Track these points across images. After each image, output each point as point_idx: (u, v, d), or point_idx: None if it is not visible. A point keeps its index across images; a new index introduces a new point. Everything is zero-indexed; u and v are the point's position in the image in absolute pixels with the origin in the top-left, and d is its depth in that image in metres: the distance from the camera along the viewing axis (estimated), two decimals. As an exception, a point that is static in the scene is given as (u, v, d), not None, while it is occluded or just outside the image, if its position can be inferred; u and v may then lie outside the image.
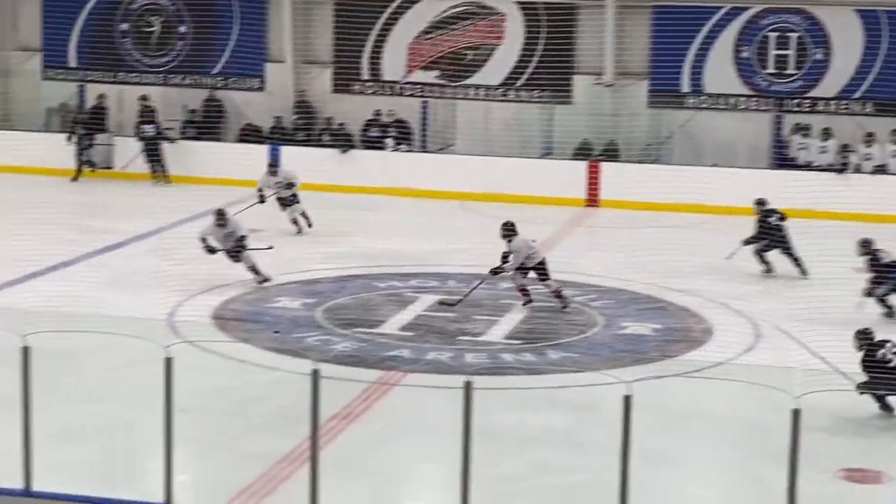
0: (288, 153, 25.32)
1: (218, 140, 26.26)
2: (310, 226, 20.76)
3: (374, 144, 25.74)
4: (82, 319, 13.27)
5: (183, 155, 25.78)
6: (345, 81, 26.57)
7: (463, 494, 7.81)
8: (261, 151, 25.38)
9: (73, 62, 27.56)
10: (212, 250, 16.73)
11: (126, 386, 12.47)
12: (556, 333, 15.24)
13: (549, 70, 25.47)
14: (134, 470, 10.59)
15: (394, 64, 26.33)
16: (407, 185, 24.71)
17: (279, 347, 14.25)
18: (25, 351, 8.37)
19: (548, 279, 16.23)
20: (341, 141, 25.63)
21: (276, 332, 13.90)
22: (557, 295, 16.18)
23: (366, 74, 26.51)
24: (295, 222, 20.64)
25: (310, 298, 16.53)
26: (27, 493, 8.29)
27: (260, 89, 26.85)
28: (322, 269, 18.11)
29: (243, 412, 12.22)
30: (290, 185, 20.62)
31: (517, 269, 16.17)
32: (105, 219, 20.82)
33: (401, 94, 26.29)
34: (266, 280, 16.89)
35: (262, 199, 20.64)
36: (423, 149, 26.06)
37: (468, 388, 7.84)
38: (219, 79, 26.99)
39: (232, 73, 26.89)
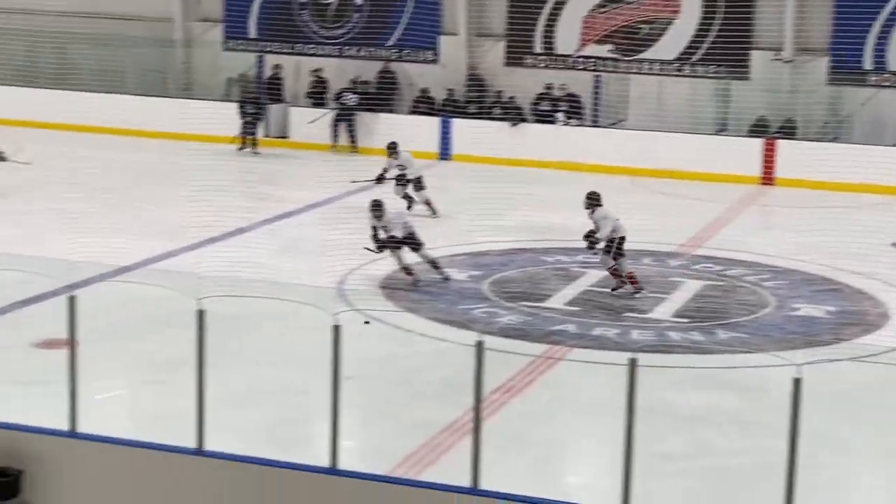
0: (459, 126, 25.48)
1: (391, 112, 26.51)
2: (431, 211, 19.94)
3: (544, 118, 25.67)
4: (255, 285, 13.57)
5: (356, 126, 26.13)
6: (517, 54, 26.52)
7: (625, 471, 7.75)
8: (433, 123, 25.62)
9: (252, 33, 28.15)
10: (379, 243, 15.97)
11: (295, 351, 12.73)
12: (726, 313, 14.99)
13: (726, 45, 24.99)
14: (301, 434, 10.81)
15: (567, 37, 26.18)
16: (577, 159, 24.59)
17: (445, 318, 14.35)
18: (200, 314, 8.58)
19: (622, 256, 15.58)
20: (512, 114, 25.63)
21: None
22: (630, 278, 15.55)
23: (538, 48, 26.42)
24: (427, 203, 19.92)
25: (477, 271, 16.60)
26: (199, 451, 8.53)
27: (433, 62, 27.00)
28: (490, 242, 18.13)
29: (408, 381, 12.37)
30: (409, 171, 20.05)
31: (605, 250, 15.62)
32: (280, 187, 21.25)
33: (573, 68, 26.14)
34: (416, 277, 15.79)
35: (379, 179, 20.10)
36: (595, 123, 25.89)
37: (633, 364, 7.77)
38: (393, 51, 27.23)
39: (406, 46, 27.10)
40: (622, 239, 15.58)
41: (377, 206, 15.99)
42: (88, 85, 27.63)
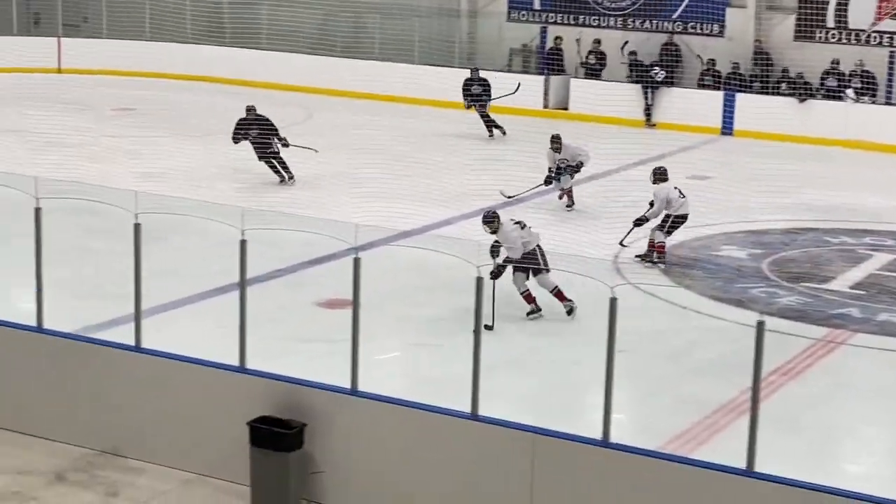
0: (743, 101, 24.94)
1: (672, 85, 26.14)
2: (569, 205, 18.19)
3: (833, 95, 24.81)
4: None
5: (655, 101, 25.92)
6: (808, 29, 25.64)
7: (908, 463, 7.48)
8: (717, 98, 25.19)
9: (537, 4, 28.19)
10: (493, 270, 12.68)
11: (569, 322, 12.79)
12: None
13: None
14: (573, 404, 10.85)
15: (862, 11, 25.14)
16: (867, 138, 23.69)
17: (722, 296, 14.12)
18: (479, 282, 8.73)
19: (671, 234, 15.22)
20: (800, 90, 24.87)
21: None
22: (659, 249, 15.18)
23: (830, 22, 25.49)
24: (568, 194, 18.23)
25: (757, 249, 16.26)
26: (474, 416, 8.68)
27: (720, 35, 26.41)
28: (771, 221, 17.72)
29: (682, 358, 12.23)
30: (578, 164, 17.96)
31: (660, 226, 15.21)
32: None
33: (867, 44, 25.11)
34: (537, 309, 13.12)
35: (548, 181, 18.06)
36: (888, 101, 24.85)
37: (921, 353, 7.47)
38: (678, 23, 26.79)
39: (692, 18, 26.59)
40: (681, 217, 15.26)
41: (491, 220, 13.06)
42: (377, 54, 28.38)
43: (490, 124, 23.85)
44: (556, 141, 18.12)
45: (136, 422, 9.77)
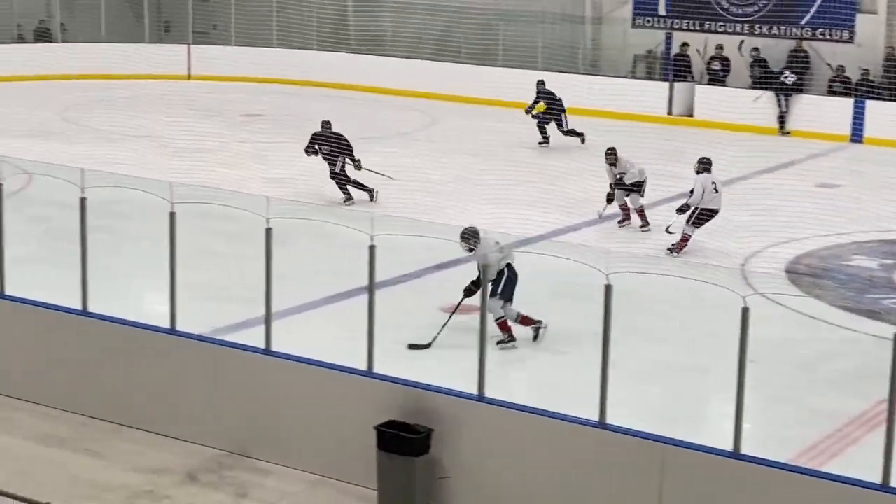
0: (873, 108, 24.46)
1: (801, 91, 25.71)
2: (643, 226, 17.24)
3: (968, 101, 24.22)
4: (661, 261, 13.60)
5: (789, 107, 25.56)
6: (941, 34, 25.06)
7: None
8: (846, 105, 24.74)
9: (662, 10, 27.92)
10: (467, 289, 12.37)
11: (697, 330, 12.65)
12: None
13: None
14: (699, 413, 10.74)
15: None
16: None
17: (852, 307, 13.87)
18: (608, 289, 8.69)
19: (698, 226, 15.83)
20: (931, 97, 24.33)
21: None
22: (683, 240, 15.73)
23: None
24: (623, 209, 17.39)
25: (889, 259, 15.93)
26: (602, 425, 8.65)
27: (849, 41, 25.88)
28: (905, 230, 17.36)
29: (812, 368, 12.02)
30: (636, 183, 17.19)
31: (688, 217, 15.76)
32: (685, 165, 21.04)
33: None
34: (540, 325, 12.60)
35: (610, 198, 17.34)
36: None
37: None
38: (806, 29, 26.32)
39: (821, 24, 26.10)
40: (709, 211, 15.76)
41: (469, 237, 12.16)
42: (501, 60, 28.40)
43: (544, 133, 23.40)
44: (611, 155, 17.40)
45: (265, 424, 9.92)
